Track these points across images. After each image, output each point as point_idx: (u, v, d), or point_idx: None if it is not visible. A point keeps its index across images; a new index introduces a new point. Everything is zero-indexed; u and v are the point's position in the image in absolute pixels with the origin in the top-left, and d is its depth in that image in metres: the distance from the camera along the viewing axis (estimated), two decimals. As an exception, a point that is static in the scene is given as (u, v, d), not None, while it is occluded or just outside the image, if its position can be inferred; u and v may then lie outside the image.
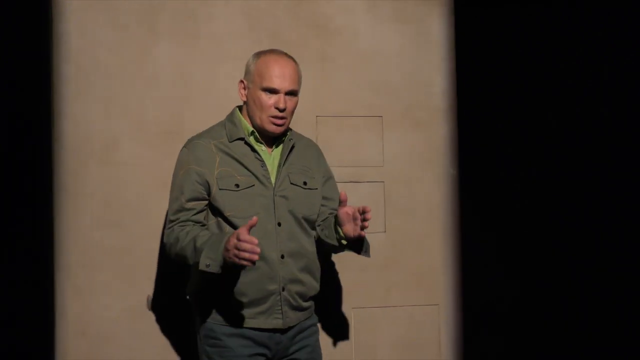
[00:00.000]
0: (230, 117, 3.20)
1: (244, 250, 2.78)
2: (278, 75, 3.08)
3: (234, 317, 3.07)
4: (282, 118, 3.09)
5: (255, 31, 3.76)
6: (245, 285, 3.05)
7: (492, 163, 4.01)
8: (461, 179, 3.94)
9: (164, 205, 3.62)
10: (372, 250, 3.73)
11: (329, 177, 3.30)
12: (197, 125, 3.63)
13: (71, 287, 3.57)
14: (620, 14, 4.02)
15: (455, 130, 3.94)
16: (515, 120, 4.04)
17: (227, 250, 2.85)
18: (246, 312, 3.06)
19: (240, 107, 3.22)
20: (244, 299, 3.05)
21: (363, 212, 2.96)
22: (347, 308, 3.81)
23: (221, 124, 3.21)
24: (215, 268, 2.90)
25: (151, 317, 3.62)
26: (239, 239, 2.79)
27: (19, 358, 3.54)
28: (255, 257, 2.78)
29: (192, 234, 3.01)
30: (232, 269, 2.95)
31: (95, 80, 3.61)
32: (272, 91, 3.08)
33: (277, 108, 3.08)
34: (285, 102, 3.09)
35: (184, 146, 3.17)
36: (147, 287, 3.63)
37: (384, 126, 3.87)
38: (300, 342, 3.17)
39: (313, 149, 3.32)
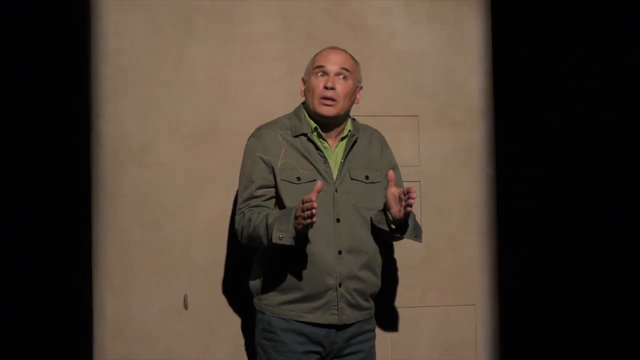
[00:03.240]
0: (297, 111, 3.27)
1: (306, 210, 2.86)
2: (328, 56, 3.19)
3: (291, 311, 3.11)
4: (330, 99, 3.13)
5: (291, 32, 3.77)
6: (302, 279, 3.09)
7: (529, 163, 3.99)
8: (498, 179, 3.92)
9: (200, 205, 3.66)
10: (408, 250, 3.75)
11: (393, 168, 3.30)
12: (234, 127, 3.68)
13: (109, 287, 3.60)
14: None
15: (491, 131, 3.92)
16: (553, 120, 4.02)
17: (296, 218, 2.92)
18: (303, 306, 3.11)
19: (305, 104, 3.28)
20: (301, 294, 3.10)
21: (407, 192, 2.98)
22: (383, 308, 3.81)
23: (287, 117, 3.27)
24: (288, 240, 2.96)
25: (188, 316, 3.64)
26: (302, 203, 2.89)
27: (58, 357, 3.58)
28: (314, 211, 2.84)
29: (263, 213, 3.08)
30: (305, 239, 3.04)
31: (132, 81, 3.64)
32: (323, 72, 3.15)
33: (325, 87, 3.14)
34: (333, 81, 3.14)
35: (252, 135, 3.24)
36: (184, 287, 3.64)
37: (420, 126, 3.86)
38: (355, 345, 3.19)
39: (377, 139, 3.33)
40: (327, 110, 3.15)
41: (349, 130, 3.24)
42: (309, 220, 2.87)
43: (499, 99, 3.92)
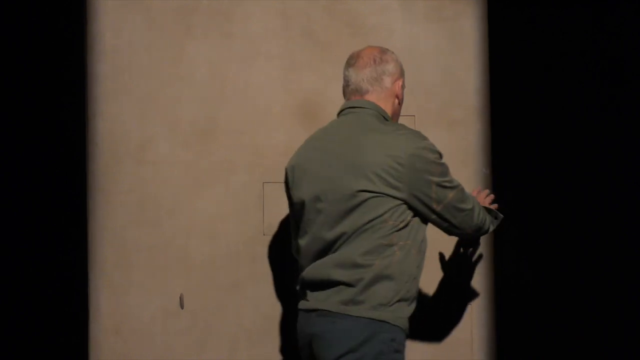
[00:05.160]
0: (386, 115, 3.14)
1: None
2: None
3: (408, 322, 3.00)
4: None
5: (289, 30, 3.76)
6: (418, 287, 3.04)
7: (526, 163, 4.01)
8: (494, 179, 3.93)
9: (198, 204, 3.67)
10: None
11: None
12: (232, 125, 3.68)
13: (105, 286, 3.60)
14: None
15: (488, 130, 3.93)
16: (551, 119, 4.04)
17: None
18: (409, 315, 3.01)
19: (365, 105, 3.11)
20: (416, 302, 3.04)
21: None
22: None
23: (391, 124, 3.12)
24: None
25: (185, 315, 3.64)
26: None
27: (54, 356, 3.59)
28: None
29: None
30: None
31: (130, 80, 3.64)
32: None
33: None
34: None
35: (425, 138, 3.06)
36: (181, 286, 3.65)
37: (417, 125, 3.86)
38: None
39: None
40: None
41: None
42: None
43: (496, 97, 3.93)
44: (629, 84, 4.09)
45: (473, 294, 3.90)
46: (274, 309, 3.71)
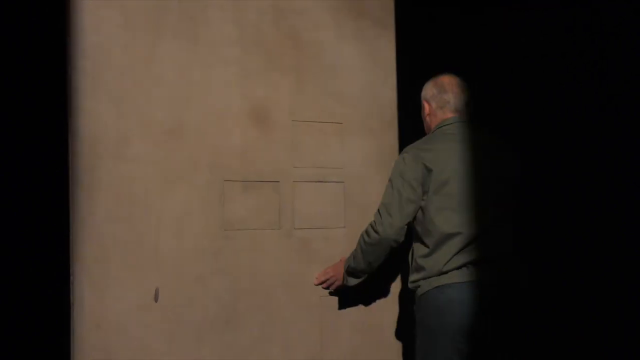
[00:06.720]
0: None
1: None
2: None
3: None
4: None
5: (242, 40, 4.01)
6: None
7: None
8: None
9: (167, 201, 3.79)
10: (333, 243, 4.15)
11: None
12: (197, 126, 3.85)
13: (86, 280, 3.59)
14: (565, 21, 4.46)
15: (397, 140, 4.41)
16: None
17: None
18: None
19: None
20: None
21: None
22: (314, 297, 4.14)
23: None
24: None
25: (164, 309, 3.73)
26: None
27: (37, 350, 3.51)
28: None
29: None
30: None
31: (109, 77, 3.68)
32: None
33: None
34: None
35: None
36: (154, 281, 3.73)
37: (344, 132, 4.27)
38: None
39: None
40: None
41: None
42: None
43: (403, 110, 4.42)
44: (535, 99, 4.61)
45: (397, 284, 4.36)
46: (235, 300, 3.91)
